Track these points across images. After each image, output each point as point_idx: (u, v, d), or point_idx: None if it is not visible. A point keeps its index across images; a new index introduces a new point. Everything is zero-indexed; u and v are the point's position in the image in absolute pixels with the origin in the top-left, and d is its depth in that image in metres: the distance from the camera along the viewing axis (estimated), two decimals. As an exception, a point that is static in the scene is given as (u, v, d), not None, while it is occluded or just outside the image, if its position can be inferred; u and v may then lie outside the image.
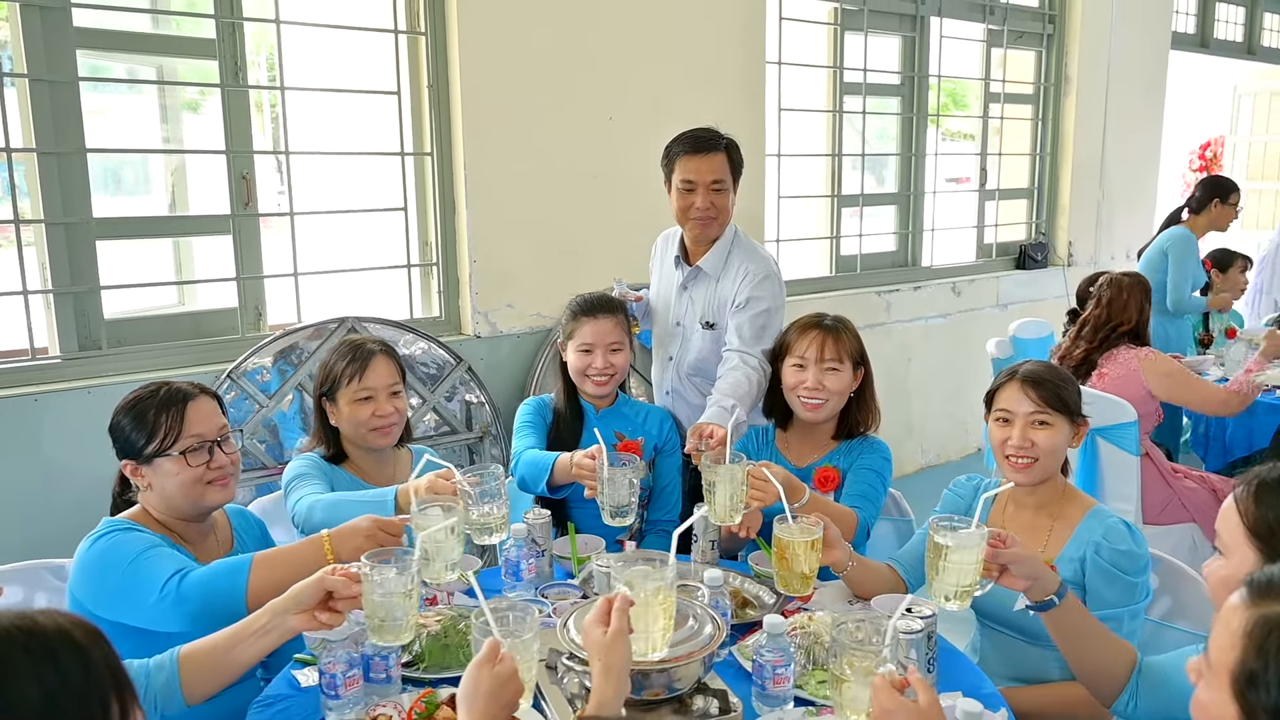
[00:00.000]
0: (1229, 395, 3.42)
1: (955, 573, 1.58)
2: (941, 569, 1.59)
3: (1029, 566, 1.60)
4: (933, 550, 1.61)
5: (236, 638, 1.50)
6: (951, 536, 1.58)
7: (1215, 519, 3.55)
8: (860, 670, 1.37)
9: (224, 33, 3.18)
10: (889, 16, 5.02)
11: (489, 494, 1.83)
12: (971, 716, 1.39)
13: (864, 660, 1.37)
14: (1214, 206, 4.60)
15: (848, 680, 1.38)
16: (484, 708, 1.22)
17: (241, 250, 3.28)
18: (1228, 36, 7.33)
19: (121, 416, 1.81)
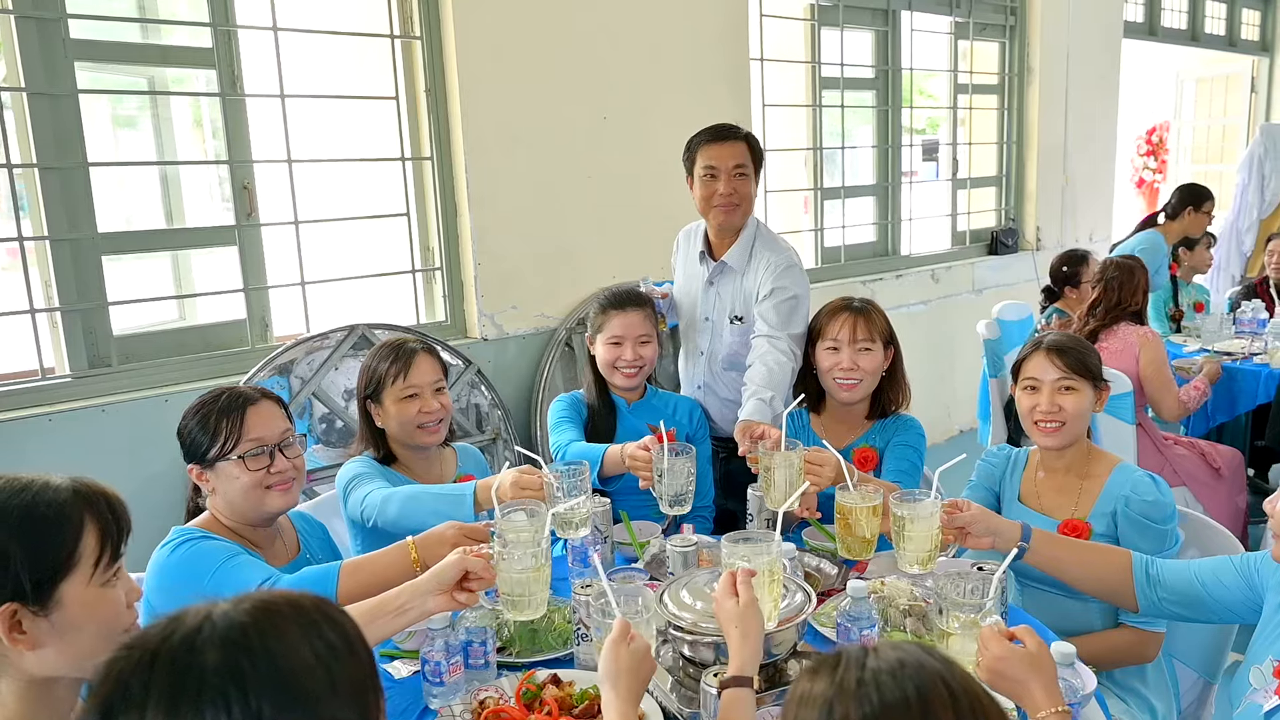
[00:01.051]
0: (1181, 407, 3.60)
1: (916, 540, 1.70)
2: (904, 538, 1.71)
3: (984, 524, 1.74)
4: (895, 522, 1.72)
5: (373, 614, 1.49)
6: (908, 508, 1.70)
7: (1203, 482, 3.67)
8: (966, 623, 1.41)
9: (220, 41, 3.14)
10: (862, 11, 5.11)
11: (574, 489, 1.84)
12: (1065, 657, 1.43)
13: (969, 613, 1.42)
14: (1188, 214, 4.77)
15: (954, 634, 1.43)
16: (628, 684, 1.27)
17: (246, 261, 3.24)
18: (1173, 24, 7.57)
19: (187, 421, 1.80)
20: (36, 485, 1.13)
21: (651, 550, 2.11)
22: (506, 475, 1.88)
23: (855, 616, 1.61)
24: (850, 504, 1.84)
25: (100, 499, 1.16)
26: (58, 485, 1.14)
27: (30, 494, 1.12)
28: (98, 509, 1.15)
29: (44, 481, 1.14)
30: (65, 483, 1.15)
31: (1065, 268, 4.31)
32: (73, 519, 1.13)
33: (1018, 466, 2.22)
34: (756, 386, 2.33)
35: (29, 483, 1.13)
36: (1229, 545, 2.15)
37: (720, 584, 1.42)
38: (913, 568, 1.71)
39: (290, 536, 1.95)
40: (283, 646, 0.79)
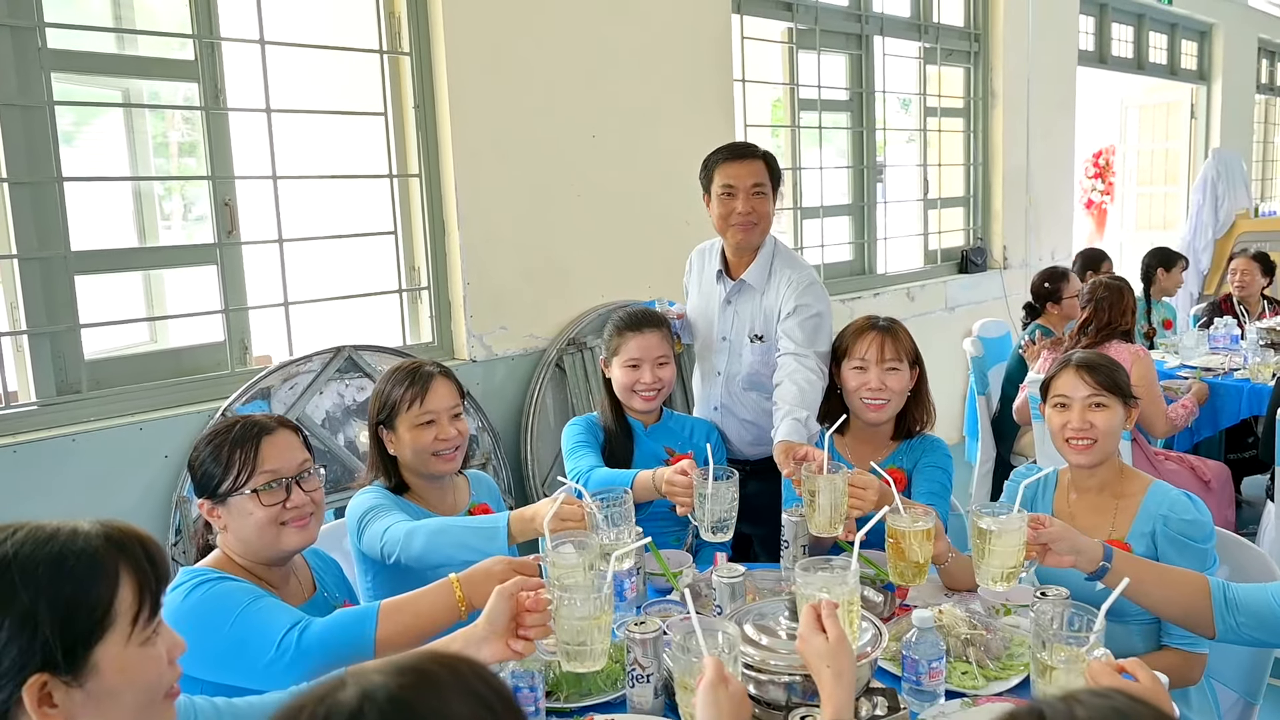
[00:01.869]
0: (1170, 424, 3.59)
1: (1000, 556, 1.63)
2: (987, 554, 1.63)
3: (1068, 542, 1.65)
4: (978, 537, 1.65)
5: None
6: (994, 522, 1.62)
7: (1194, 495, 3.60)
8: (1071, 658, 1.33)
9: (204, 53, 2.96)
10: (837, 35, 5.08)
11: (618, 519, 1.73)
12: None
13: (1073, 647, 1.34)
14: (1159, 275, 4.82)
15: (1057, 668, 1.34)
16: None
17: (227, 281, 3.05)
18: (1121, 54, 7.72)
19: (199, 452, 1.63)
20: (63, 534, 0.98)
21: (684, 580, 1.98)
22: (545, 506, 1.74)
23: (922, 649, 1.51)
24: (902, 528, 1.74)
25: (135, 544, 1.02)
26: (87, 532, 0.99)
27: (57, 545, 0.96)
28: (133, 556, 1.00)
29: (71, 529, 0.99)
30: (95, 529, 1.00)
31: (1047, 284, 4.30)
32: (107, 570, 0.98)
33: (1048, 488, 2.14)
34: (790, 405, 2.22)
35: (54, 532, 0.98)
36: (1261, 562, 2.09)
37: (804, 619, 1.32)
38: (995, 584, 1.63)
39: (304, 574, 1.78)
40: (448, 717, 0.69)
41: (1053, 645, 1.35)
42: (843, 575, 1.40)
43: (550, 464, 3.67)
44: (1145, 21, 7.87)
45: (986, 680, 1.59)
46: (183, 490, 2.77)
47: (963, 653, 1.64)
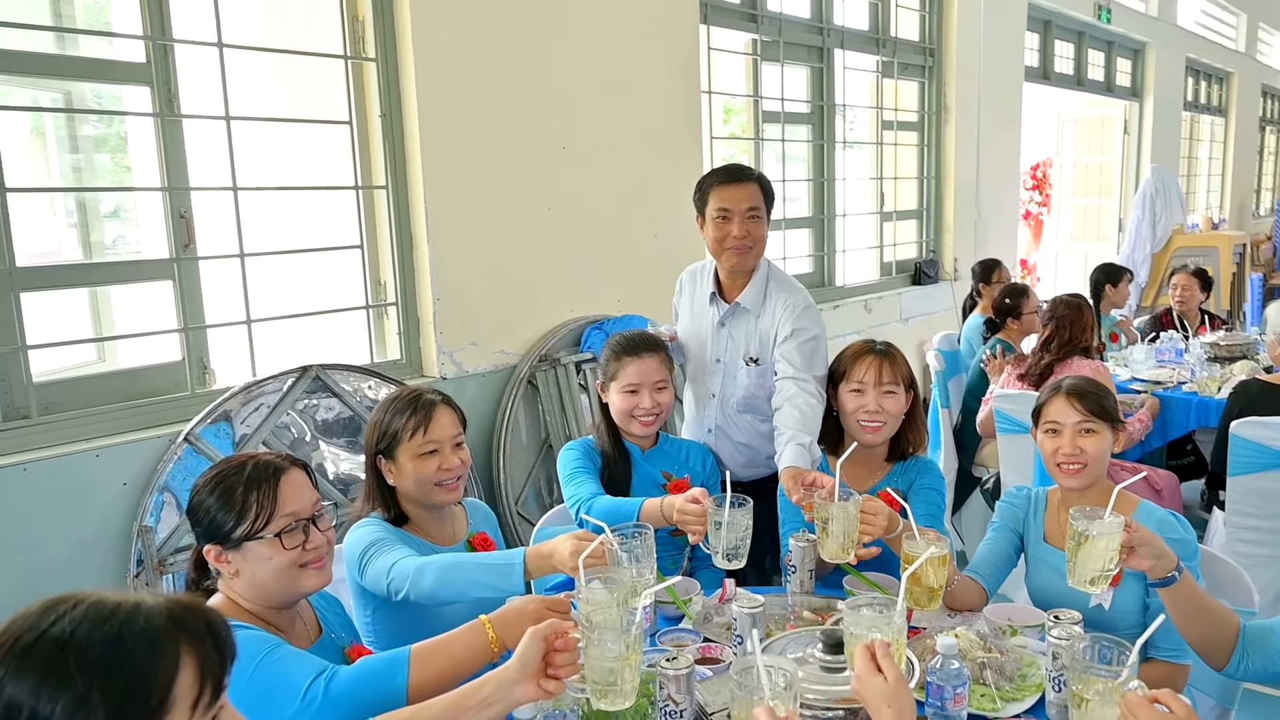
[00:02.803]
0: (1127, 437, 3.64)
1: (1099, 558, 1.65)
2: (1084, 555, 1.66)
3: (1154, 547, 1.66)
4: (1073, 539, 1.67)
5: (456, 710, 1.31)
6: (1095, 525, 1.64)
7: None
8: (1106, 690, 1.33)
9: (156, 56, 2.78)
10: (799, 48, 5.06)
11: (640, 554, 1.66)
12: None
13: (1107, 680, 1.35)
14: (1108, 290, 4.90)
15: (1090, 700, 1.35)
16: None
17: (184, 298, 2.87)
18: (1063, 70, 7.87)
19: (204, 496, 1.52)
20: (124, 612, 0.91)
21: (694, 608, 1.92)
22: (564, 543, 1.65)
23: (947, 675, 1.47)
24: (918, 554, 1.72)
25: (200, 623, 0.95)
26: (150, 609, 0.93)
27: (116, 624, 0.90)
28: (196, 637, 0.94)
29: (133, 605, 0.93)
30: (159, 605, 0.94)
31: (1008, 300, 4.34)
32: (166, 652, 0.91)
33: (1039, 507, 2.16)
34: (793, 431, 2.17)
35: (115, 608, 0.91)
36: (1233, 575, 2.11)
37: (860, 659, 1.30)
38: (1090, 587, 1.65)
39: (309, 616, 1.67)
40: None
41: (1086, 678, 1.35)
42: (889, 614, 1.38)
43: (523, 483, 3.55)
44: (1085, 39, 8.05)
45: (1004, 702, 1.58)
46: (144, 519, 2.59)
47: (979, 675, 1.63)
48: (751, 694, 1.24)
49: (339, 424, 3.09)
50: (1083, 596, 1.96)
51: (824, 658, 1.55)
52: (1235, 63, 11.50)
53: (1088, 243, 9.75)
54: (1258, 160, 13.27)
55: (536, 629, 1.36)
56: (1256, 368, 4.17)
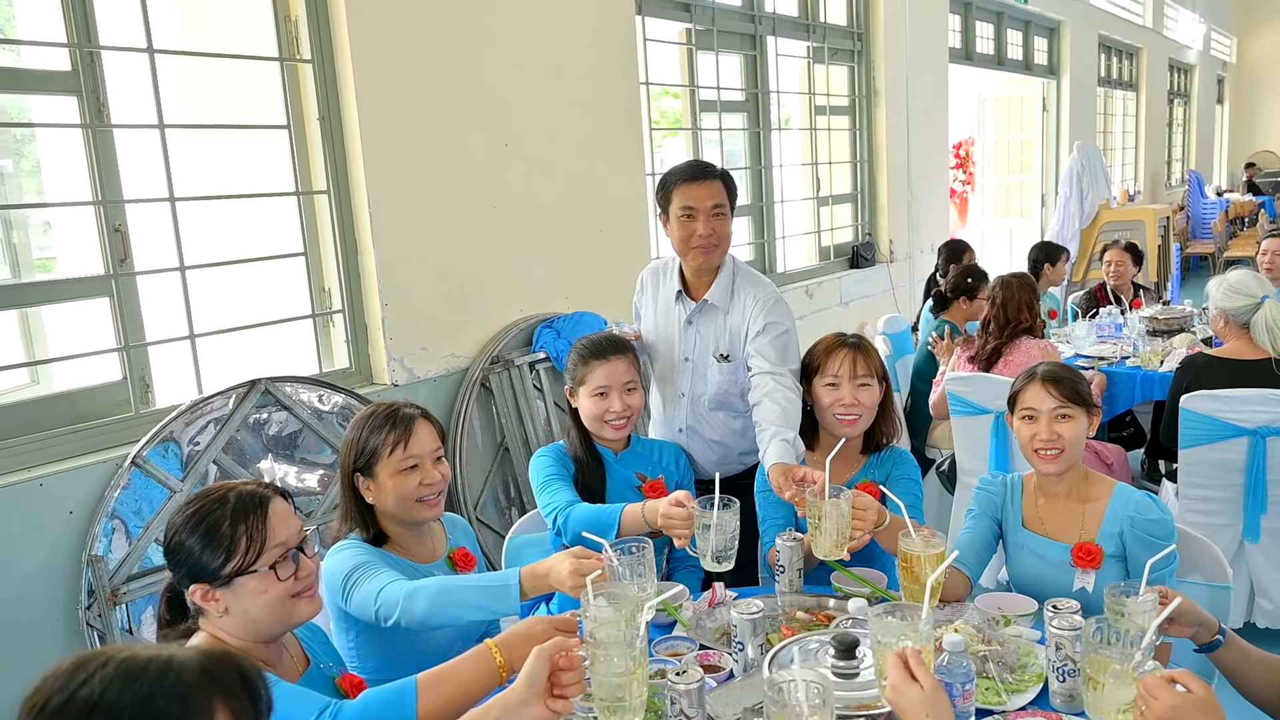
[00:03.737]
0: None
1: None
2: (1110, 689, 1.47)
3: (1194, 615, 1.63)
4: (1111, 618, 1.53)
5: None
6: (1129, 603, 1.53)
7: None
8: (1120, 673, 1.37)
9: (83, 64, 2.69)
10: (733, 36, 5.11)
11: (641, 569, 1.67)
12: None
13: (1121, 662, 1.38)
14: (1046, 269, 5.06)
15: (1105, 683, 1.38)
16: None
17: (123, 315, 2.79)
18: (985, 50, 8.11)
19: (184, 535, 1.47)
20: (155, 668, 0.91)
21: (685, 614, 1.93)
22: (562, 561, 1.65)
23: (954, 672, 1.51)
24: (916, 552, 1.77)
25: (233, 676, 0.96)
26: (181, 664, 0.93)
27: (147, 683, 0.90)
28: (229, 691, 0.95)
29: (165, 661, 0.93)
30: (191, 660, 0.94)
31: (969, 280, 4.43)
32: (198, 709, 0.92)
33: (1016, 493, 2.21)
34: (776, 426, 2.20)
35: (146, 665, 0.91)
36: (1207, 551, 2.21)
37: (893, 669, 1.31)
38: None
39: (295, 647, 1.65)
40: None
41: (1100, 660, 1.38)
42: (914, 622, 1.40)
43: (481, 487, 3.54)
44: (1004, 19, 8.29)
45: (1008, 694, 1.61)
46: (93, 548, 2.52)
47: (982, 668, 1.66)
48: (791, 711, 1.25)
49: (288, 439, 3.05)
50: (1067, 581, 2.03)
51: (837, 663, 1.55)
52: (1144, 38, 11.98)
53: (1012, 219, 10.06)
54: (1167, 133, 13.86)
55: (541, 648, 1.36)
56: (1195, 340, 4.33)
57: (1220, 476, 3.23)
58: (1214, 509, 3.27)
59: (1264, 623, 3.29)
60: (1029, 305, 3.87)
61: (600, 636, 1.38)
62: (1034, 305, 3.88)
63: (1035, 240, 6.11)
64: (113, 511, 2.58)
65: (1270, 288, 3.62)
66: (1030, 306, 3.87)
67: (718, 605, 1.99)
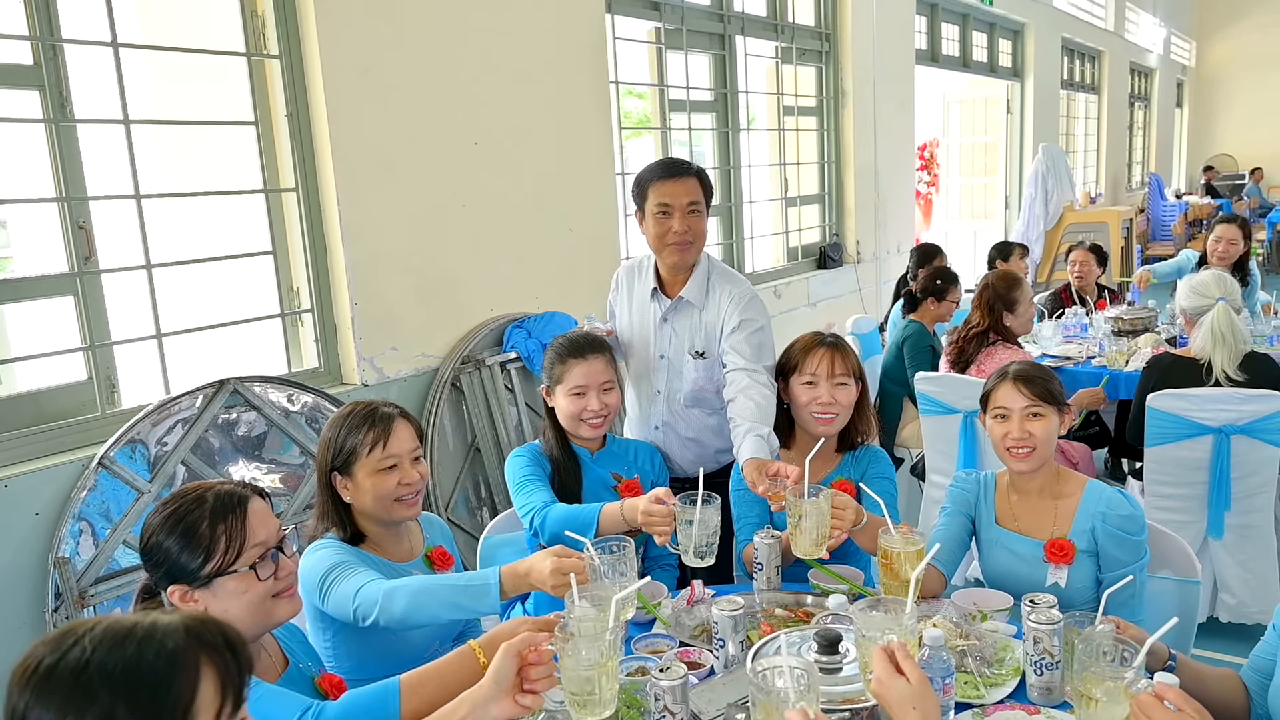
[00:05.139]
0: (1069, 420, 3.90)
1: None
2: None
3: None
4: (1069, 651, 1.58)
5: None
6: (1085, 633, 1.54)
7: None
8: (1112, 691, 1.40)
9: (44, 58, 2.69)
10: (702, 35, 5.20)
11: (623, 568, 1.70)
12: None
13: (1113, 678, 1.41)
14: (999, 265, 5.22)
15: (1098, 700, 1.41)
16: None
17: (88, 314, 2.79)
18: (950, 52, 8.28)
19: (161, 536, 1.48)
20: (141, 630, 0.96)
21: (664, 611, 1.98)
22: (543, 560, 1.69)
23: (934, 666, 1.54)
24: (895, 548, 1.82)
25: (217, 637, 1.00)
26: (167, 626, 0.97)
27: (134, 643, 0.95)
28: (214, 650, 0.98)
29: (150, 624, 0.97)
30: (175, 622, 0.98)
31: (939, 281, 4.52)
32: (186, 667, 0.96)
33: (989, 490, 2.28)
34: (750, 422, 2.25)
35: (132, 628, 0.96)
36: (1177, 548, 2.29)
37: (878, 662, 1.33)
38: None
39: (273, 647, 1.67)
40: None
41: (1093, 677, 1.41)
42: (899, 616, 1.43)
43: (452, 489, 3.58)
44: (969, 21, 8.48)
45: (987, 688, 1.66)
46: (59, 550, 2.52)
47: (961, 663, 1.71)
48: (776, 697, 1.28)
49: (258, 439, 3.06)
50: (1039, 577, 2.09)
51: (820, 658, 1.57)
52: (1106, 41, 12.29)
53: (976, 220, 10.27)
54: (1128, 135, 14.22)
55: (509, 644, 1.37)
56: (1160, 340, 4.46)
57: (1185, 474, 3.33)
58: (1178, 506, 3.38)
59: (1226, 617, 3.40)
60: (991, 307, 3.91)
61: (570, 630, 1.41)
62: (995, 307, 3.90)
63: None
64: (79, 513, 2.59)
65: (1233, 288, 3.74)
66: (992, 308, 3.91)
67: (696, 603, 2.03)
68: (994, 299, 3.94)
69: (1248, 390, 3.23)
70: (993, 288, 3.95)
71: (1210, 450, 3.27)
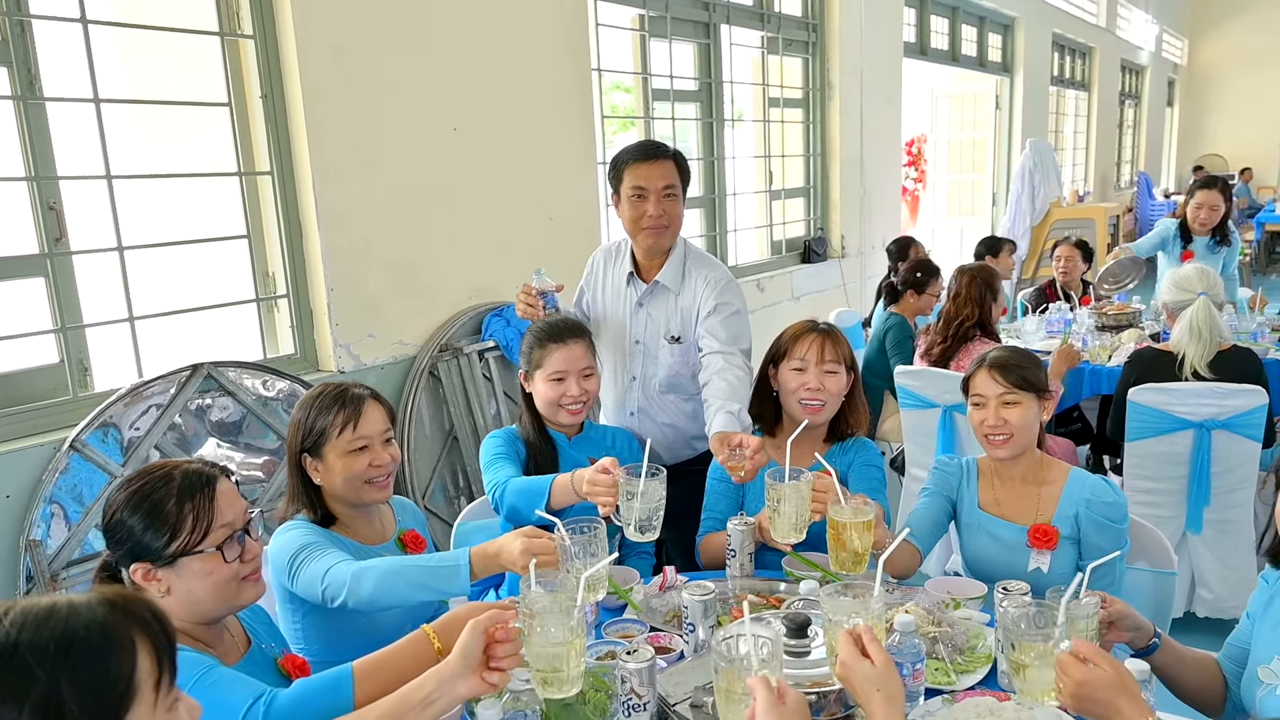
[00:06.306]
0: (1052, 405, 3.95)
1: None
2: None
3: (1132, 619, 1.74)
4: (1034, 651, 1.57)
5: (398, 712, 1.34)
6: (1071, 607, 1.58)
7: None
8: (1041, 654, 1.46)
9: (13, 34, 2.71)
10: (686, 24, 5.24)
11: (593, 549, 1.71)
12: (1141, 674, 1.49)
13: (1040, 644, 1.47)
14: (988, 260, 5.29)
15: (1030, 665, 1.47)
16: None
17: (59, 295, 2.81)
18: (940, 46, 8.36)
19: (126, 514, 1.49)
20: (62, 609, 0.94)
21: (636, 596, 2.00)
22: (513, 541, 1.71)
23: (904, 652, 1.58)
24: (844, 519, 1.82)
25: (143, 610, 0.99)
26: (88, 603, 0.96)
27: (60, 621, 0.93)
28: (144, 623, 0.98)
29: (67, 604, 0.95)
30: (95, 599, 0.97)
31: (919, 274, 4.59)
32: (121, 639, 0.95)
33: (971, 475, 2.31)
34: (722, 400, 2.27)
35: (51, 608, 0.94)
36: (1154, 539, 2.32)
37: (843, 645, 1.36)
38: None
39: (236, 628, 1.68)
40: None
41: (1021, 644, 1.47)
42: (866, 601, 1.45)
43: (429, 476, 3.61)
44: (959, 14, 8.56)
45: (958, 675, 1.70)
46: (31, 533, 2.54)
47: (932, 649, 1.74)
48: (738, 664, 1.30)
49: (232, 425, 3.09)
50: (1021, 562, 2.13)
51: (789, 642, 1.59)
52: (1097, 38, 12.42)
53: (963, 217, 10.38)
54: (1118, 133, 14.37)
55: (476, 621, 1.38)
56: (1144, 335, 4.54)
57: (1165, 469, 3.38)
58: (1158, 500, 3.43)
59: (1204, 612, 3.46)
60: (979, 301, 4.00)
61: (537, 607, 1.43)
62: (985, 300, 4.00)
63: (984, 239, 6.35)
64: (51, 496, 2.61)
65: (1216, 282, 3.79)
66: (980, 300, 4.00)
67: (669, 588, 2.05)
68: (983, 290, 4.00)
69: (1230, 385, 3.27)
70: (980, 279, 4.02)
71: (1191, 445, 3.32)
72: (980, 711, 1.57)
